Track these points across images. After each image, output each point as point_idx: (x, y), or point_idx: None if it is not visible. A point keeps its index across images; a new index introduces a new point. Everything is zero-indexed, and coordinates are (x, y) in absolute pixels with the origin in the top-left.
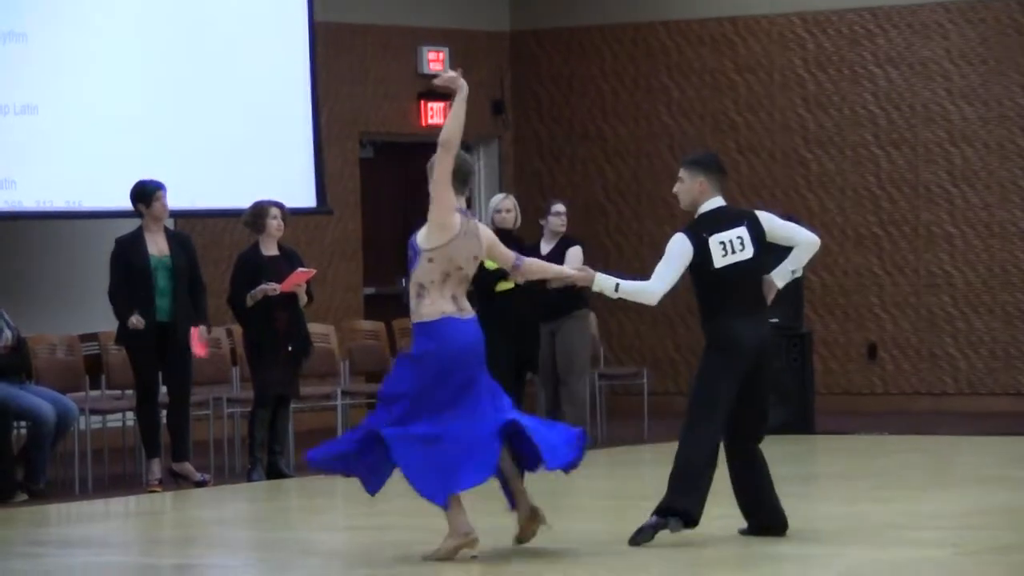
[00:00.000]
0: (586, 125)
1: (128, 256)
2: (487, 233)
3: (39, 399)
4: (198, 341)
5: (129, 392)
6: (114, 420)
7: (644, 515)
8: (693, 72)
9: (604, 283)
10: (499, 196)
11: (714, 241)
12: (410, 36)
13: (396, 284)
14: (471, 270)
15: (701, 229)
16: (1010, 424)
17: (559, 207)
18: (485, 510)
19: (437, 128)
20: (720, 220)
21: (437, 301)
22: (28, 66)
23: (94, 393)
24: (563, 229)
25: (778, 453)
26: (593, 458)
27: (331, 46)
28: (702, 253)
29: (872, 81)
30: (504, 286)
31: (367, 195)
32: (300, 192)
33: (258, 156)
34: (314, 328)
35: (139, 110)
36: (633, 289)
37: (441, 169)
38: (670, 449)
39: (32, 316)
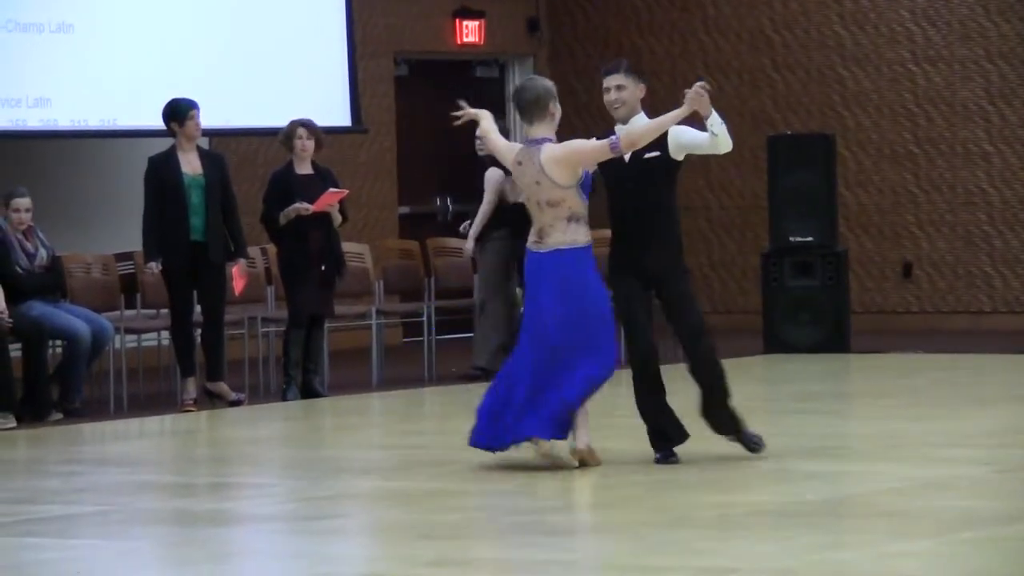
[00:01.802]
0: (621, 42)
1: (161, 175)
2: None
3: (74, 318)
4: (238, 277)
5: (164, 311)
6: (149, 339)
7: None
8: None
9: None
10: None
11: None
12: None
13: (431, 203)
14: None
15: None
16: None
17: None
18: None
19: (471, 46)
20: None
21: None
22: None
23: (129, 312)
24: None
25: (814, 371)
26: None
27: None
28: None
29: None
30: None
31: (402, 114)
32: (335, 111)
33: (293, 75)
34: (348, 247)
35: (174, 29)
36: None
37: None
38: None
39: (67, 235)
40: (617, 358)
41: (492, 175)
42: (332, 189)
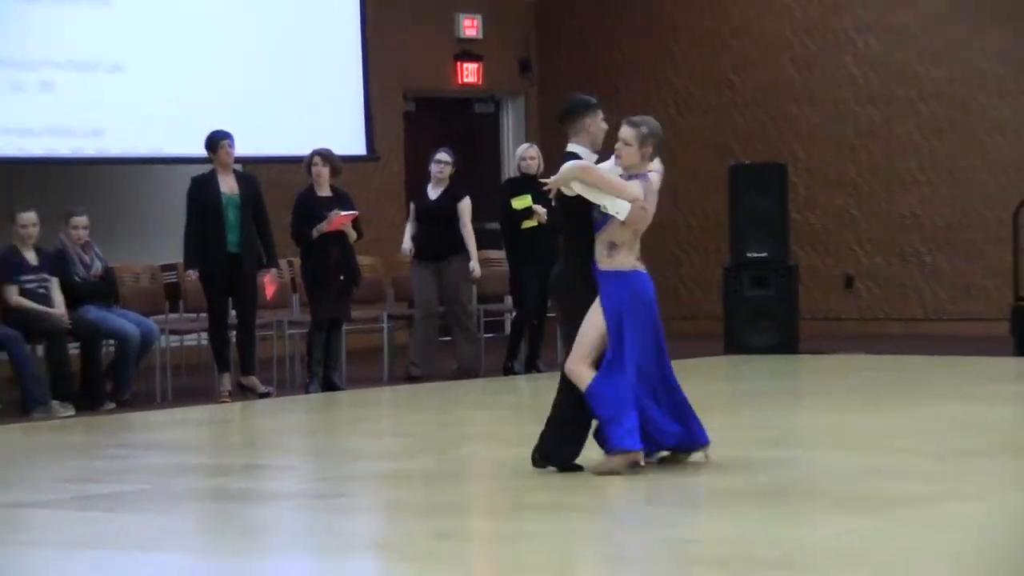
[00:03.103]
0: (602, 82)
1: (202, 194)
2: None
3: (125, 321)
4: (269, 283)
5: (203, 315)
6: (190, 339)
7: None
8: (694, 36)
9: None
10: (525, 145)
11: None
12: (447, 4)
13: None
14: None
15: None
16: (970, 347)
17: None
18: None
19: (470, 86)
20: None
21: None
22: (115, 30)
23: (172, 316)
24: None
25: (768, 371)
26: None
27: (379, 13)
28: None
29: (852, 45)
30: (529, 224)
31: (409, 144)
32: (352, 141)
33: (315, 109)
34: (363, 260)
35: (211, 69)
36: None
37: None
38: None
39: (119, 249)
40: None
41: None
42: (341, 212)
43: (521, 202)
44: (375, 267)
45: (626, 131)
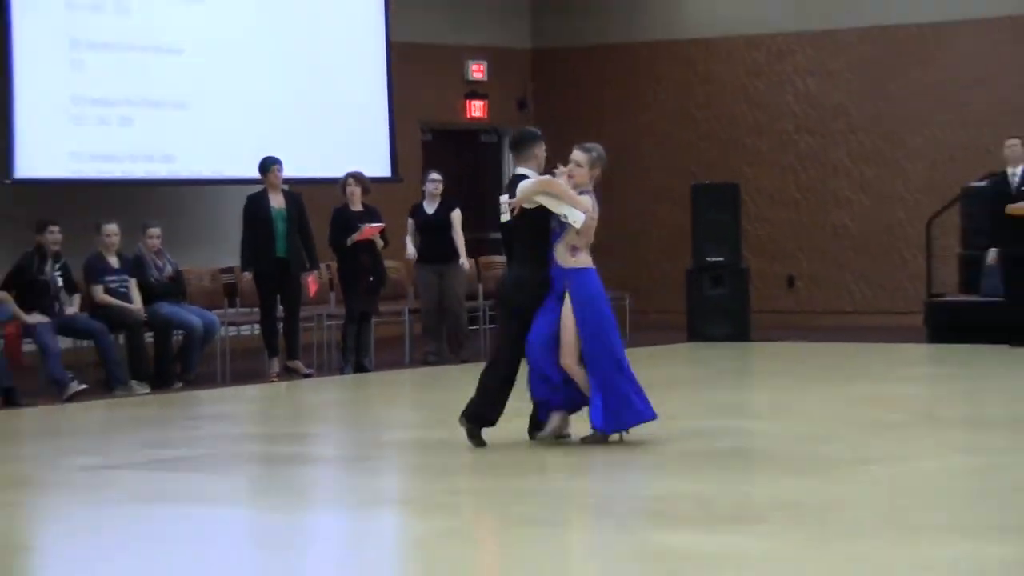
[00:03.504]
0: (586, 118)
1: (255, 209)
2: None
3: (191, 314)
4: (311, 282)
5: (255, 309)
6: (245, 330)
7: None
8: (665, 81)
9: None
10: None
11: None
12: (458, 52)
13: None
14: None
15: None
16: (890, 336)
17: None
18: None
19: (477, 119)
20: None
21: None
22: (183, 74)
23: (230, 310)
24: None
25: (724, 355)
26: None
27: (402, 59)
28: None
29: (793, 86)
30: None
31: (426, 167)
32: (379, 165)
33: (349, 139)
34: (389, 264)
35: (263, 106)
36: None
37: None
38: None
39: (186, 254)
40: None
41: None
42: (369, 224)
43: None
44: (398, 270)
45: (579, 155)
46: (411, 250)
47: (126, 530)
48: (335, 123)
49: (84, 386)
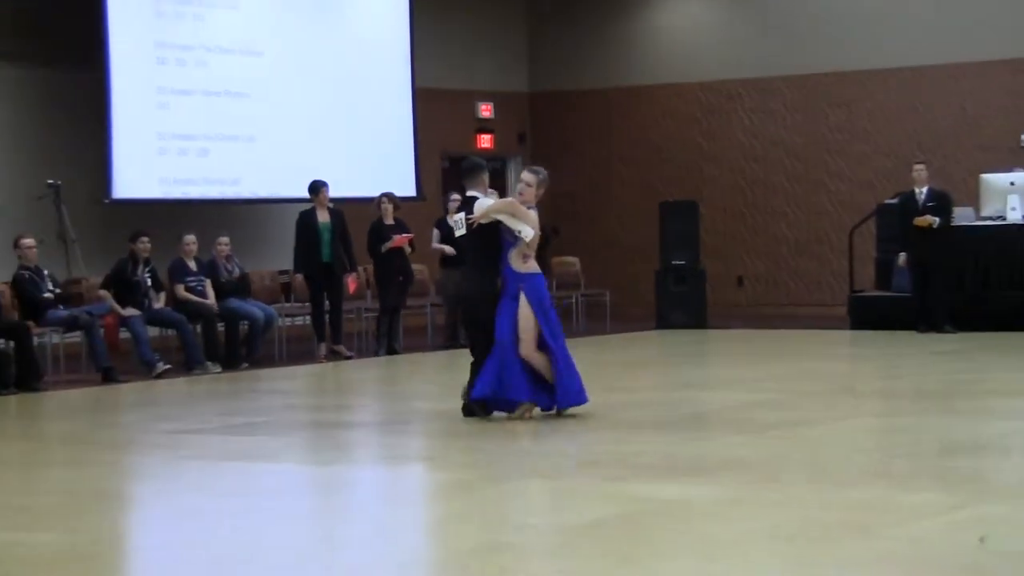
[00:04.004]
0: (575, 147)
1: (306, 222)
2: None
3: (255, 308)
4: (352, 282)
5: (306, 304)
6: (298, 320)
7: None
8: (635, 117)
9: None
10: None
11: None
12: (469, 95)
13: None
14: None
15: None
16: (819, 324)
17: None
18: None
19: (486, 149)
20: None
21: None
22: (249, 113)
23: (286, 304)
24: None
25: (687, 340)
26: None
27: (424, 100)
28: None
29: (740, 121)
30: None
31: (444, 188)
32: (407, 187)
33: (382, 165)
34: (416, 266)
35: (312, 138)
36: None
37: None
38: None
39: (250, 260)
40: None
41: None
42: (398, 235)
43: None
44: (423, 271)
45: (528, 176)
46: (436, 242)
47: (203, 482)
48: (371, 152)
49: (168, 366)
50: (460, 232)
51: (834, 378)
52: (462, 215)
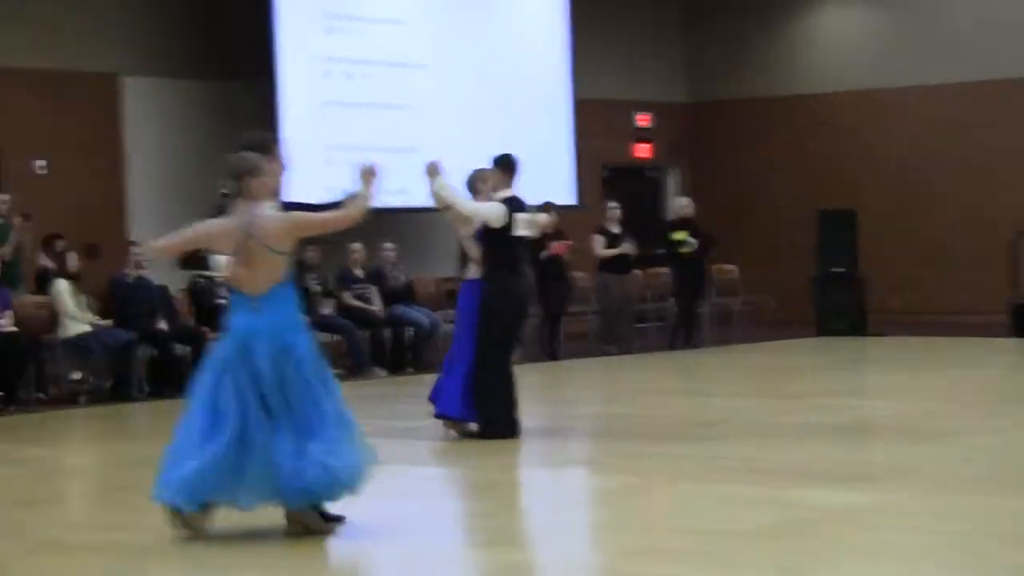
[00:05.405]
0: (731, 156)
1: None
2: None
3: (420, 314)
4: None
5: None
6: None
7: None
8: (793, 127)
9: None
10: (681, 199)
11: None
12: (627, 105)
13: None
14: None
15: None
16: (981, 331)
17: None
18: None
19: (644, 159)
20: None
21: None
22: (409, 125)
23: (450, 311)
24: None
25: (845, 347)
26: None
27: (584, 112)
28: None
29: (898, 130)
30: (685, 249)
31: (604, 197)
32: (567, 196)
33: (546, 176)
34: (578, 273)
35: (473, 152)
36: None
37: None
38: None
39: (415, 267)
40: None
41: None
42: (558, 242)
43: (679, 235)
44: (583, 278)
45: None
46: (600, 247)
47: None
48: (532, 163)
49: (336, 371)
50: (531, 234)
51: (996, 387)
52: (527, 215)
